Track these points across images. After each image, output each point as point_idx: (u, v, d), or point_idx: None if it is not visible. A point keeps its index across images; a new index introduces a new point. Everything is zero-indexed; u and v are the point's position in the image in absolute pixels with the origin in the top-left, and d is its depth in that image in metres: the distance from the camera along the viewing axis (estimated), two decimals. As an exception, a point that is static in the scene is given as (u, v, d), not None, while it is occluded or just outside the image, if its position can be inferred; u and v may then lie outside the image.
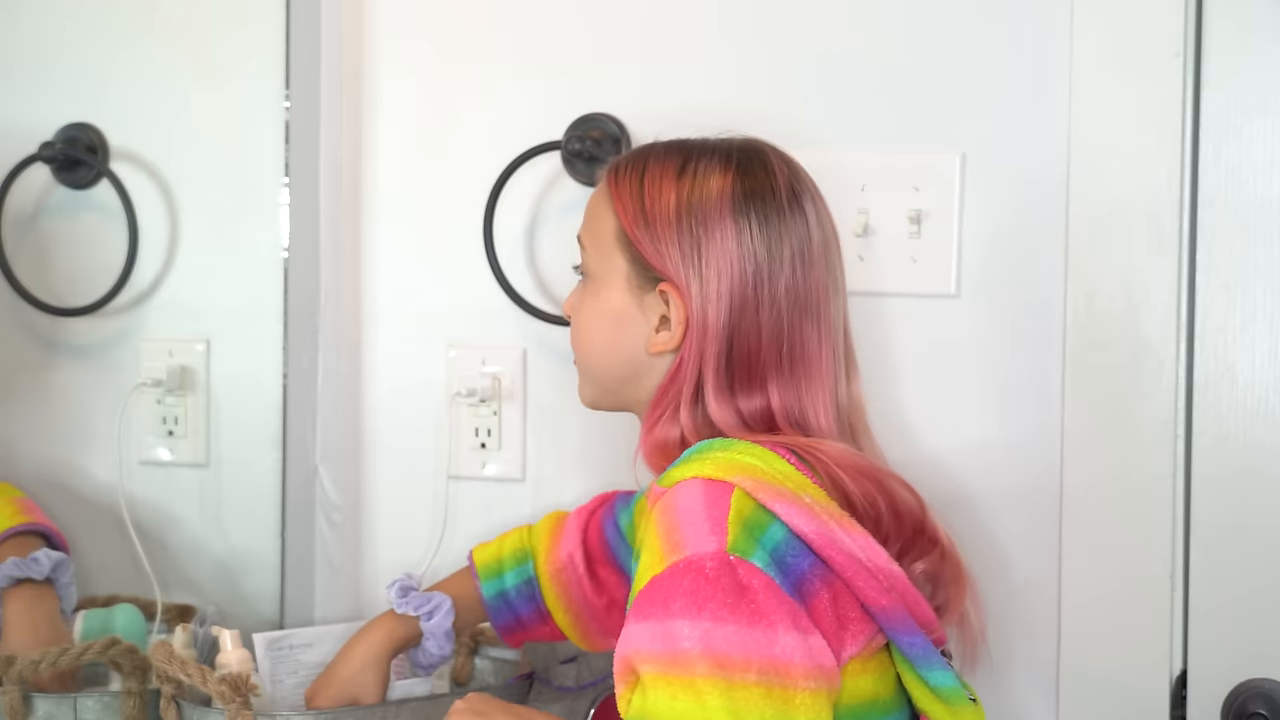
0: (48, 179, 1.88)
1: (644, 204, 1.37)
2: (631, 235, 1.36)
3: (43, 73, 1.89)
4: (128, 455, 1.86)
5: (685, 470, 1.27)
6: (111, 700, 1.61)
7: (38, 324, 1.88)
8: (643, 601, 1.20)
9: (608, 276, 1.39)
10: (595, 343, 1.41)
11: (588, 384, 1.44)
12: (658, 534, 1.22)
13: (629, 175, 1.39)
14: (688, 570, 1.18)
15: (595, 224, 1.42)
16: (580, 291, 1.43)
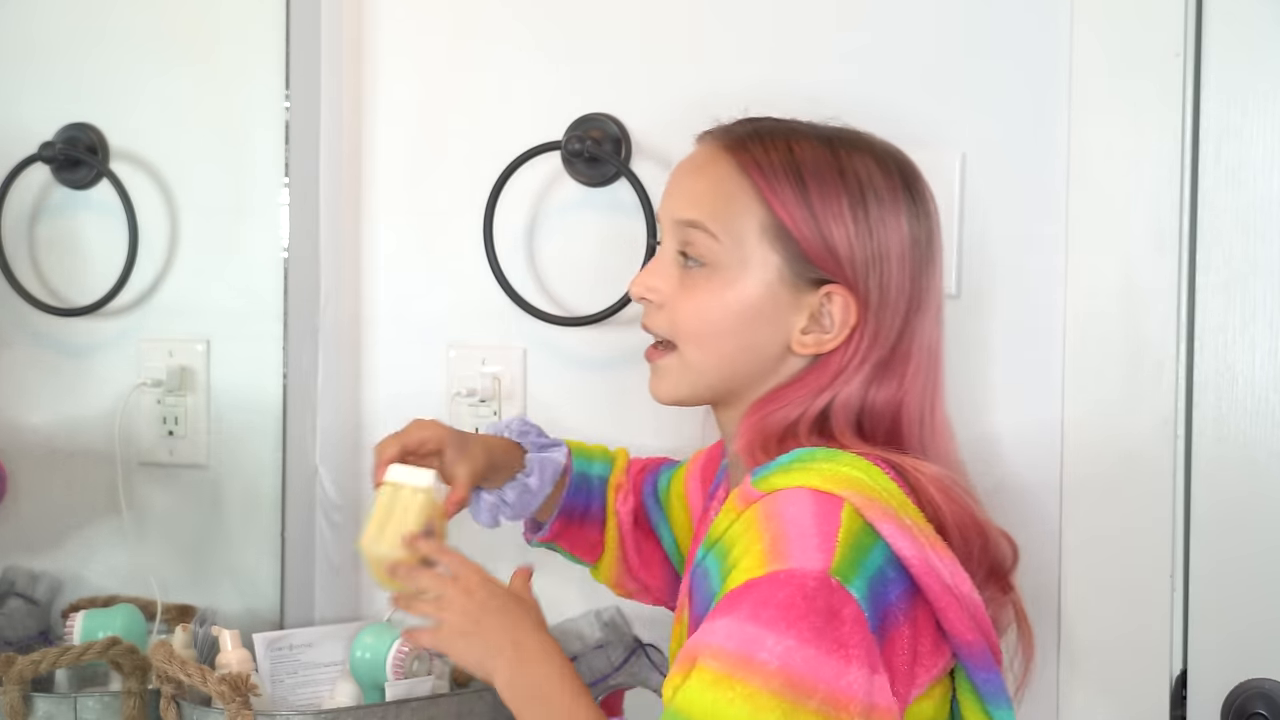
0: (48, 179, 1.88)
1: (811, 204, 1.29)
2: (798, 234, 1.29)
3: (43, 73, 1.89)
4: (128, 455, 1.86)
5: (788, 478, 1.23)
6: (111, 700, 1.61)
7: (38, 324, 1.88)
8: (735, 600, 1.17)
9: (744, 269, 1.30)
10: (718, 337, 1.32)
11: (690, 377, 1.35)
12: (760, 538, 1.19)
13: (780, 166, 1.31)
14: (788, 582, 1.16)
15: (729, 210, 1.31)
16: (690, 277, 1.33)
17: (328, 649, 1.69)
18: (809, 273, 1.30)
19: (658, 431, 1.76)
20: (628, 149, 1.76)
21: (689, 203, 1.33)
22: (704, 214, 1.32)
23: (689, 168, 1.36)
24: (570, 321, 1.76)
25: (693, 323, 1.33)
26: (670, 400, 1.38)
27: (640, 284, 1.36)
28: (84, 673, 1.71)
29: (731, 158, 1.32)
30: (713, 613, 1.19)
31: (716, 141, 1.35)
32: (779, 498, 1.22)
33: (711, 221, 1.31)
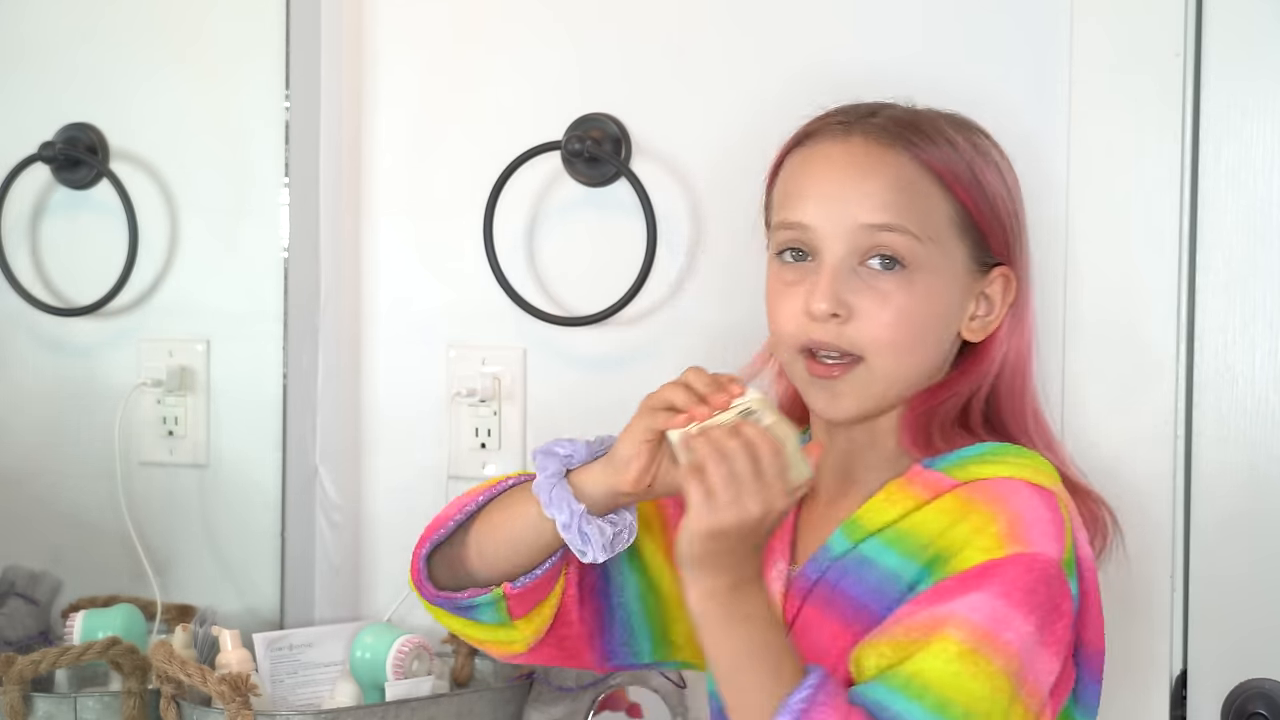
0: (48, 179, 1.88)
1: (983, 188, 1.28)
2: (980, 221, 1.27)
3: (43, 73, 1.89)
4: (128, 455, 1.86)
5: (994, 469, 1.22)
6: (111, 700, 1.61)
7: (38, 324, 1.88)
8: (980, 578, 1.14)
9: (940, 268, 1.26)
10: (916, 342, 1.26)
11: (878, 389, 1.27)
12: (993, 519, 1.16)
13: (950, 154, 1.28)
14: (1035, 565, 1.15)
15: (923, 207, 1.26)
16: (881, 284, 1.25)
17: (328, 649, 1.69)
18: (986, 258, 1.29)
19: (658, 431, 1.76)
20: (628, 149, 1.76)
21: (873, 206, 1.25)
22: (899, 215, 1.25)
23: (855, 166, 1.27)
24: (570, 321, 1.76)
25: (891, 332, 1.25)
26: (854, 417, 1.28)
27: (827, 300, 1.24)
28: (84, 673, 1.71)
29: (902, 150, 1.27)
30: (945, 589, 1.15)
31: (874, 135, 1.28)
32: (996, 485, 1.20)
33: (910, 222, 1.25)
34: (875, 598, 1.21)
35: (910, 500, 1.24)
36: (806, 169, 1.30)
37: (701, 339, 1.73)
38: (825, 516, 1.31)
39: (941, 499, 1.22)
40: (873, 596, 1.22)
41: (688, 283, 1.75)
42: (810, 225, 1.27)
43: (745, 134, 1.71)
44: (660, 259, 1.72)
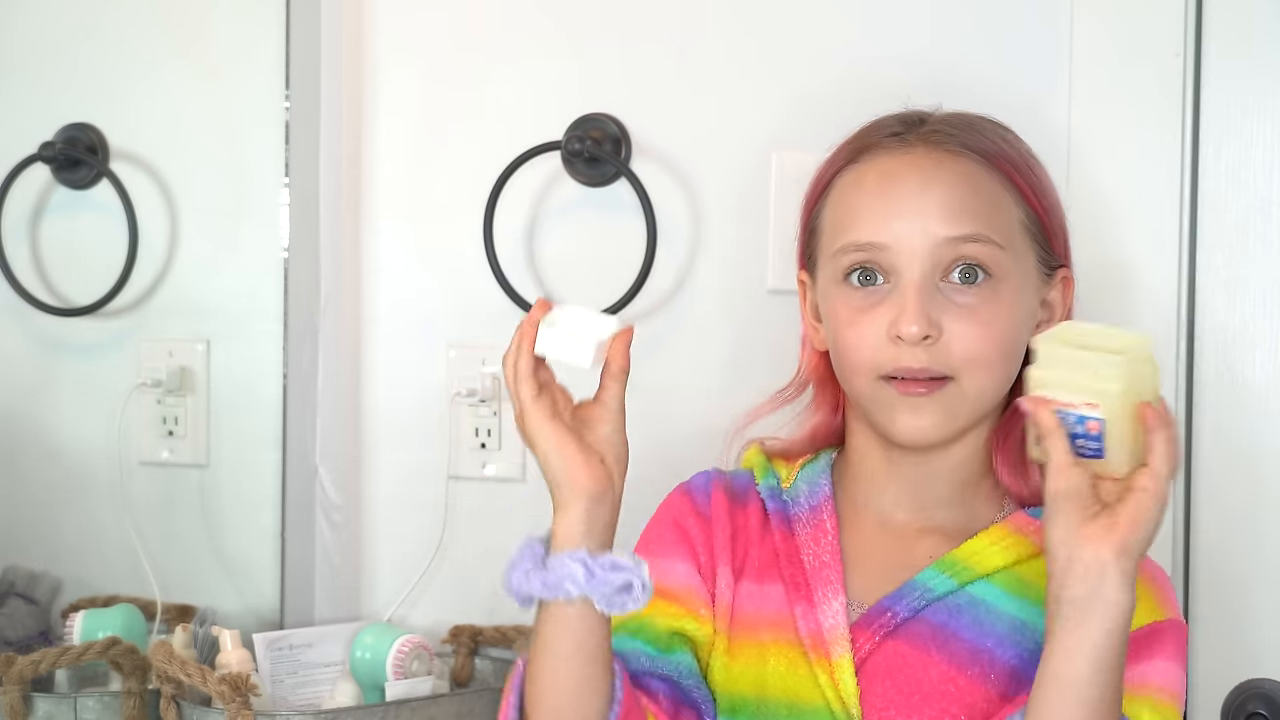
0: (48, 179, 1.88)
1: (1044, 186, 1.27)
2: (1045, 223, 1.26)
3: (43, 73, 1.89)
4: (128, 455, 1.86)
5: None
6: (111, 700, 1.61)
7: (38, 324, 1.88)
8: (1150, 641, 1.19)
9: (1019, 274, 1.24)
10: (1005, 356, 1.22)
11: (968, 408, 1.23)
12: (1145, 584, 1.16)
13: (1009, 153, 1.26)
14: (1182, 632, 1.22)
15: (999, 214, 1.23)
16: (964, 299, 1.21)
17: (328, 649, 1.69)
18: (1051, 260, 1.27)
19: (656, 431, 1.76)
20: (628, 149, 1.76)
21: (952, 217, 1.21)
22: (979, 224, 1.21)
23: (929, 178, 1.23)
24: (570, 321, 1.76)
25: (981, 347, 1.21)
26: (938, 440, 1.23)
27: (919, 322, 1.19)
28: (84, 673, 1.71)
29: (969, 156, 1.24)
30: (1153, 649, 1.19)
31: (931, 145, 1.25)
32: None
33: (991, 229, 1.22)
34: (1004, 646, 1.20)
35: (1025, 547, 1.23)
36: (869, 185, 1.25)
37: (701, 339, 1.74)
38: (887, 551, 1.28)
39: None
40: (1000, 643, 1.20)
41: (688, 283, 1.75)
42: (885, 244, 1.22)
43: (746, 134, 1.72)
44: (660, 259, 1.72)
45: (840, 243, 1.25)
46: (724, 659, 1.29)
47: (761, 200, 1.68)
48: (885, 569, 1.26)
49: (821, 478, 1.33)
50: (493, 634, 1.79)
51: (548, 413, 1.20)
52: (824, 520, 1.30)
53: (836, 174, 1.29)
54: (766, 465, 1.36)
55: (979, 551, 1.24)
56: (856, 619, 1.24)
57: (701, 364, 1.74)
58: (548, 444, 1.18)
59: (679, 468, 1.76)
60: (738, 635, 1.29)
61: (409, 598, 1.84)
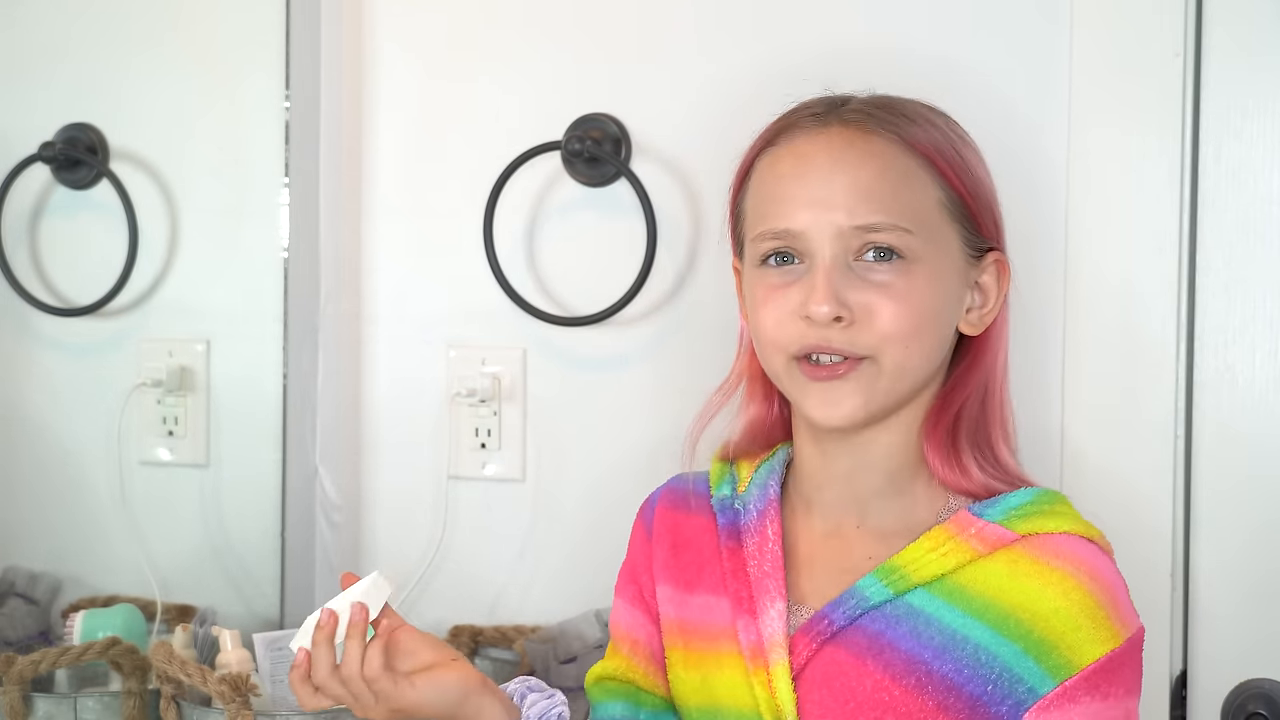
0: (48, 179, 1.88)
1: (969, 167, 1.24)
2: (969, 204, 1.23)
3: (43, 73, 1.89)
4: (128, 455, 1.86)
5: (1051, 523, 1.21)
6: (111, 700, 1.61)
7: (38, 324, 1.88)
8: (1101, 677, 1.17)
9: (937, 256, 1.21)
10: (919, 335, 1.21)
11: (883, 386, 1.21)
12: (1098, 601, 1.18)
13: (931, 135, 1.23)
14: (1139, 646, 1.20)
15: (909, 196, 1.21)
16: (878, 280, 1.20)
17: (328, 649, 1.69)
18: (979, 243, 1.25)
19: (656, 431, 1.76)
20: (628, 149, 1.76)
21: (860, 204, 1.20)
22: (887, 211, 1.20)
23: (838, 161, 1.22)
24: (570, 321, 1.76)
25: (895, 324, 1.19)
26: (856, 422, 1.22)
27: (829, 302, 1.18)
28: (84, 673, 1.71)
29: (889, 136, 1.22)
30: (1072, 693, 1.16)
31: (859, 124, 1.23)
32: (1070, 547, 1.21)
33: (900, 215, 1.20)
34: (943, 659, 1.18)
35: (965, 552, 1.20)
36: (784, 170, 1.24)
37: (701, 339, 1.74)
38: (833, 552, 1.27)
39: (1008, 558, 1.20)
40: (936, 655, 1.18)
41: (688, 283, 1.75)
42: (798, 231, 1.21)
43: (746, 133, 1.71)
44: (660, 259, 1.73)
45: (758, 230, 1.25)
46: (678, 671, 1.31)
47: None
48: (830, 571, 1.25)
49: (771, 479, 1.32)
50: (493, 634, 1.79)
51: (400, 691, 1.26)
52: (767, 527, 1.28)
53: (757, 156, 1.28)
54: (725, 470, 1.36)
55: (917, 559, 1.21)
56: (800, 626, 1.24)
57: (701, 364, 1.74)
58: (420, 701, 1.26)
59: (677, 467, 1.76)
60: (690, 647, 1.30)
61: (409, 598, 1.84)
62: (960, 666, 1.18)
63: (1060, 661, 1.16)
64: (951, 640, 1.18)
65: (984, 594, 1.19)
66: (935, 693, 1.18)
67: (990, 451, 1.26)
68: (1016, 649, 1.17)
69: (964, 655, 1.18)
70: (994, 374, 1.28)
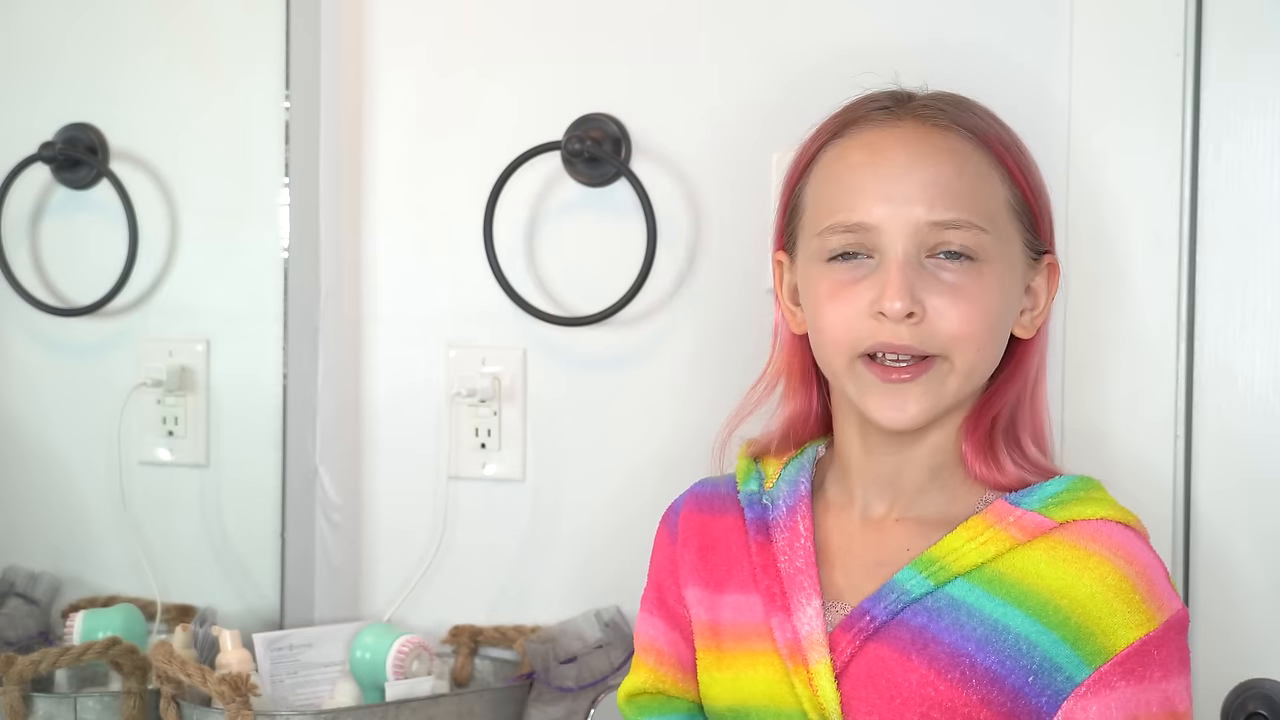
0: (48, 179, 1.88)
1: (1032, 168, 1.24)
2: (1032, 205, 1.23)
3: (43, 73, 1.89)
4: (128, 455, 1.86)
5: (1088, 509, 1.20)
6: (111, 700, 1.61)
7: (38, 324, 1.88)
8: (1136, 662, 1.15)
9: (1003, 257, 1.21)
10: (990, 335, 1.20)
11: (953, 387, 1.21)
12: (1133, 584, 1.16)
13: (1001, 134, 1.23)
14: (1178, 628, 1.17)
15: (983, 195, 1.20)
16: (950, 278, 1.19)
17: (328, 649, 1.69)
18: (1037, 246, 1.24)
19: (656, 432, 1.76)
20: (628, 149, 1.76)
21: (937, 199, 1.18)
22: (964, 208, 1.19)
23: (913, 154, 1.20)
24: (570, 321, 1.76)
25: (967, 326, 1.18)
26: (924, 422, 1.21)
27: (903, 298, 1.17)
28: (84, 673, 1.71)
29: (958, 132, 1.21)
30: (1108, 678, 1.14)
31: (920, 120, 1.22)
32: (1107, 533, 1.19)
33: (975, 213, 1.19)
34: (985, 650, 1.17)
35: (1003, 540, 1.19)
36: (854, 159, 1.22)
37: (701, 339, 1.74)
38: (867, 546, 1.26)
39: (1047, 545, 1.19)
40: (979, 647, 1.17)
41: (688, 283, 1.75)
42: (872, 225, 1.19)
43: (746, 133, 1.72)
44: (660, 259, 1.73)
45: (826, 223, 1.22)
46: (711, 672, 1.29)
47: (762, 200, 1.68)
48: (865, 565, 1.24)
49: (801, 476, 1.31)
50: (493, 634, 1.79)
51: None
52: (798, 523, 1.28)
53: (821, 149, 1.26)
54: (751, 468, 1.35)
55: (956, 549, 1.20)
56: (839, 622, 1.22)
57: (701, 364, 1.74)
58: None
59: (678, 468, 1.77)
60: (723, 648, 1.28)
61: (409, 598, 1.84)
62: (1003, 658, 1.16)
63: (1095, 648, 1.15)
64: (993, 631, 1.17)
65: (1023, 581, 1.17)
66: (979, 686, 1.16)
67: (1018, 447, 1.26)
68: (1055, 637, 1.16)
69: (1006, 646, 1.16)
70: (1036, 376, 1.28)
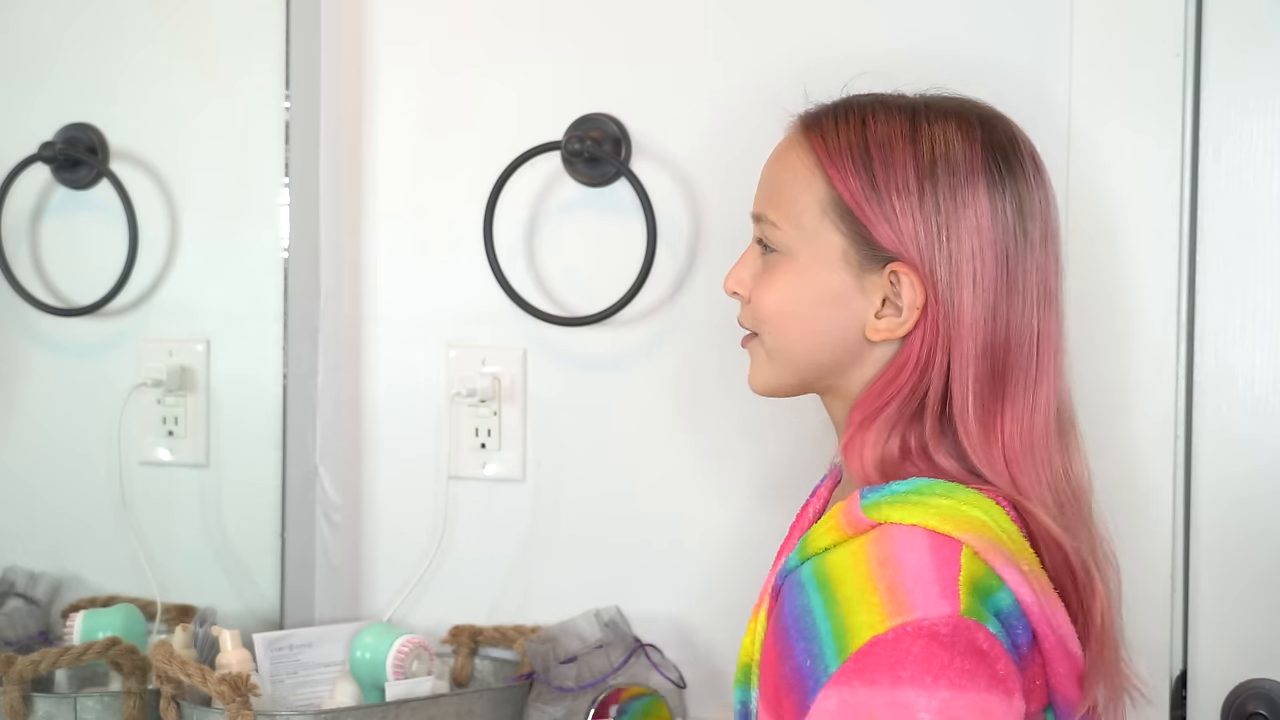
0: (48, 179, 1.88)
1: (874, 177, 1.22)
2: (856, 207, 1.22)
3: (43, 73, 1.89)
4: (128, 455, 1.86)
5: (903, 513, 1.16)
6: (111, 700, 1.61)
7: (38, 324, 1.88)
8: (865, 663, 1.09)
9: (814, 253, 1.25)
10: (798, 324, 1.26)
11: (776, 367, 1.30)
12: (875, 586, 1.12)
13: (845, 135, 1.25)
14: (919, 634, 1.09)
15: (791, 192, 1.27)
16: (766, 266, 1.29)
17: (328, 649, 1.69)
18: (875, 252, 1.22)
19: (655, 432, 1.76)
20: (628, 149, 1.76)
21: (759, 195, 1.32)
22: (768, 202, 1.29)
23: (771, 156, 1.33)
24: (570, 321, 1.76)
25: (764, 309, 1.28)
26: (762, 388, 1.32)
27: (729, 278, 1.33)
28: (84, 673, 1.71)
29: (803, 137, 1.28)
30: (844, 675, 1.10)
31: (799, 123, 1.30)
32: (892, 537, 1.15)
33: (772, 208, 1.28)
34: (796, 627, 1.16)
35: (837, 531, 1.19)
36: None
37: (701, 339, 1.74)
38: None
39: (853, 542, 1.17)
40: (794, 624, 1.16)
41: (688, 283, 1.75)
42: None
43: (745, 133, 1.72)
44: (660, 259, 1.73)
45: None
46: None
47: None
48: None
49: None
50: (493, 634, 1.79)
51: None
52: (822, 488, 1.38)
53: None
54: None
55: (816, 531, 1.21)
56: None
57: (701, 364, 1.74)
58: None
59: (678, 468, 1.77)
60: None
61: (409, 598, 1.84)
62: (800, 637, 1.15)
63: (841, 645, 1.12)
64: (804, 612, 1.16)
65: (832, 576, 1.16)
66: (789, 663, 1.15)
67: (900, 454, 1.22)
68: (829, 631, 1.13)
69: (806, 627, 1.15)
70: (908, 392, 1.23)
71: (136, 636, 1.71)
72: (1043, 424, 1.24)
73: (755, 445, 1.71)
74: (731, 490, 1.73)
